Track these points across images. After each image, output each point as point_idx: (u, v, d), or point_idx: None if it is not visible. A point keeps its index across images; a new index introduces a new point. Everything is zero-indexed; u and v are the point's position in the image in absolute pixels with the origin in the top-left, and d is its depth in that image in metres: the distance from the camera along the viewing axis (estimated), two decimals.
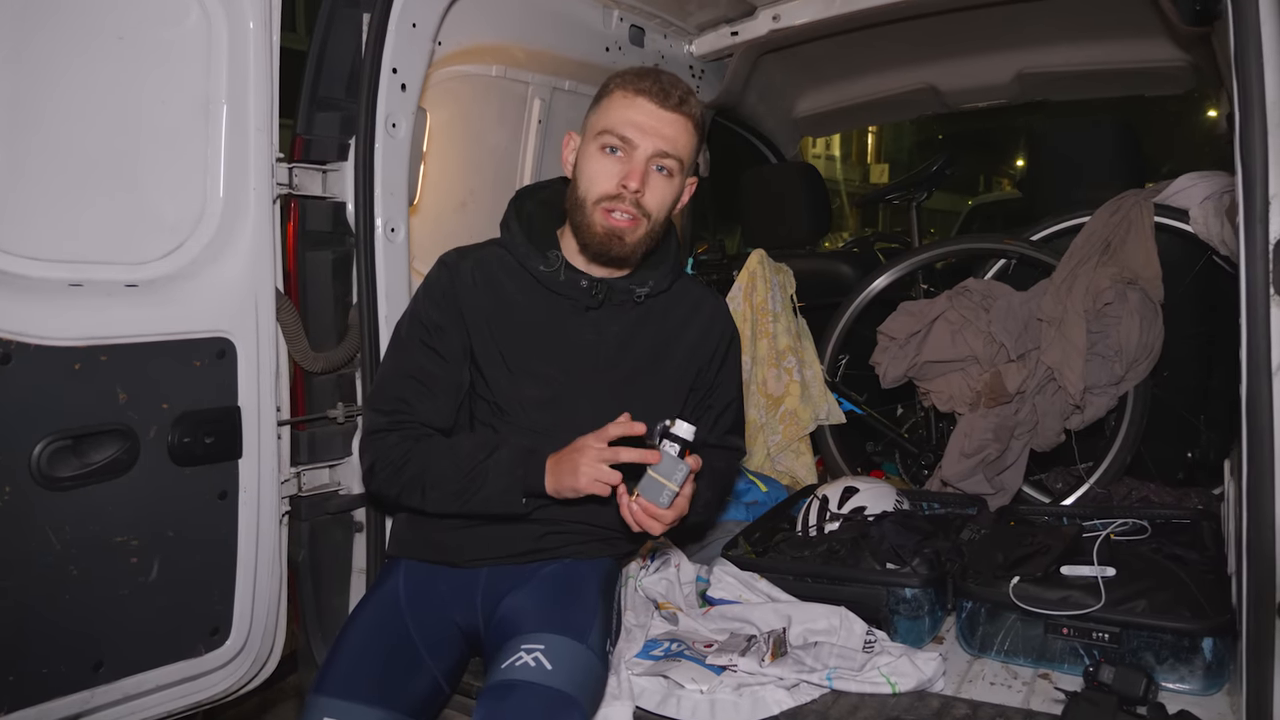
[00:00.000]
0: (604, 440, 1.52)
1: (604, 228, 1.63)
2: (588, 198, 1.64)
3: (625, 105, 1.61)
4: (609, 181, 1.62)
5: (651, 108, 1.60)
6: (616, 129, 1.61)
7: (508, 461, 1.59)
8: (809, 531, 2.23)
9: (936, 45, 3.46)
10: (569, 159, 1.70)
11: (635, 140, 1.60)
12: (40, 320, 1.45)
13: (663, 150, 1.62)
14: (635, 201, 1.62)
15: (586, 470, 1.51)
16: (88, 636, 1.54)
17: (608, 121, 1.62)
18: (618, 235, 1.63)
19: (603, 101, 1.65)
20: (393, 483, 1.65)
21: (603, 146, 1.62)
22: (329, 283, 1.97)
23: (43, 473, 1.46)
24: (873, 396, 3.14)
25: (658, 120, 1.61)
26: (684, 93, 1.63)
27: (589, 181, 1.64)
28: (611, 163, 1.62)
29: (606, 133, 1.62)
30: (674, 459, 1.51)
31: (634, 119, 1.60)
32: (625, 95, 1.62)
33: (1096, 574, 1.77)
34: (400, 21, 1.92)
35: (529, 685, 1.41)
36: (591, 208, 1.63)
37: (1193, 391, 2.80)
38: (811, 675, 1.67)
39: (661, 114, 1.61)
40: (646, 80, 1.62)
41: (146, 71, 1.58)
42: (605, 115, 1.63)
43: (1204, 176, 2.56)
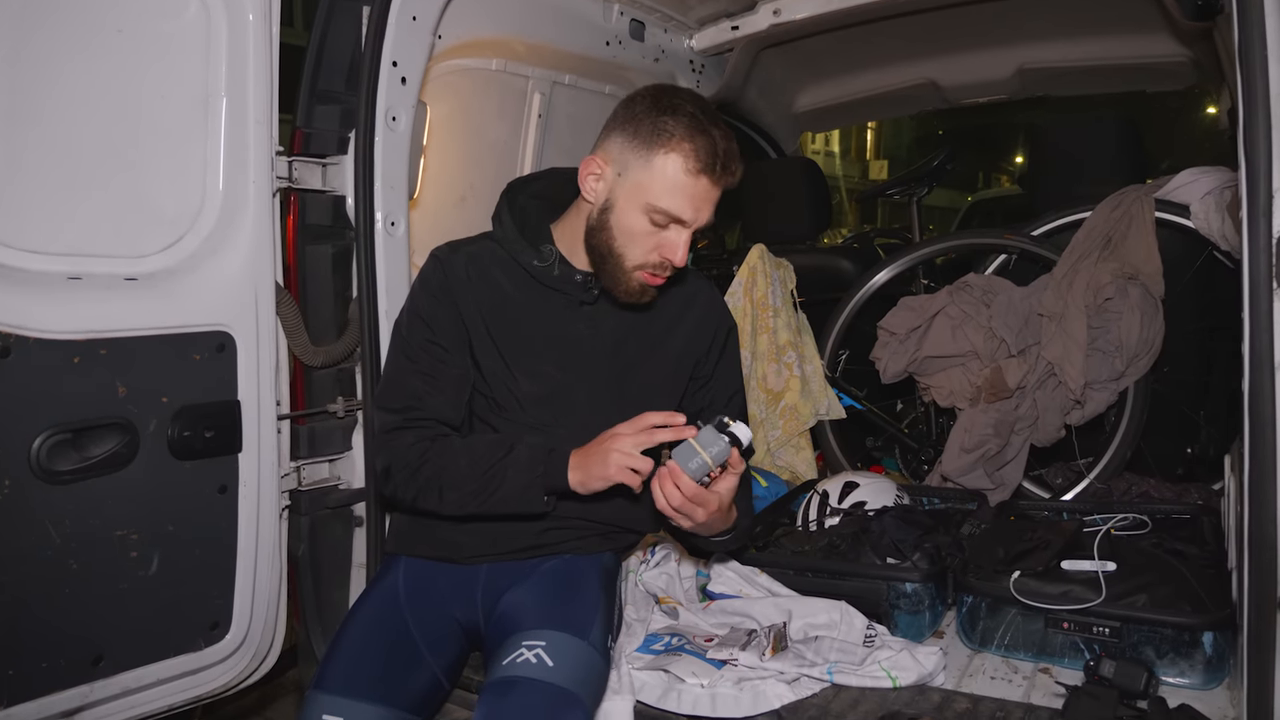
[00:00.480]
0: (638, 427, 1.47)
1: (641, 286, 1.62)
2: (626, 258, 1.59)
3: (687, 185, 1.52)
4: (653, 253, 1.58)
5: (711, 188, 1.55)
6: (675, 213, 1.54)
7: (527, 460, 1.56)
8: (809, 526, 2.23)
9: (937, 40, 3.46)
10: (594, 188, 1.60)
11: (689, 221, 1.56)
12: (39, 313, 1.45)
13: (709, 221, 1.59)
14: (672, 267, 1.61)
15: (618, 458, 1.46)
16: (87, 630, 1.53)
17: (664, 199, 1.53)
18: (650, 292, 1.64)
19: (656, 161, 1.52)
20: (409, 485, 1.62)
21: (653, 219, 1.55)
22: (329, 277, 1.96)
23: (42, 466, 1.45)
24: (873, 392, 3.14)
25: (713, 196, 1.56)
26: (738, 164, 1.57)
27: (629, 243, 1.58)
28: (656, 232, 1.57)
29: (662, 212, 1.54)
30: (715, 433, 1.43)
31: (694, 201, 1.54)
32: (688, 173, 1.51)
33: (1097, 569, 1.77)
34: (400, 15, 1.91)
35: (530, 682, 1.40)
36: (630, 270, 1.60)
37: (1193, 387, 2.80)
38: (812, 669, 1.67)
39: (717, 190, 1.56)
40: (707, 155, 1.51)
41: (146, 65, 1.58)
42: (661, 186, 1.52)
43: (1205, 172, 2.56)
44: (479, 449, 1.61)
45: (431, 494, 1.61)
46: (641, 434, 1.47)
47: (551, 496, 1.57)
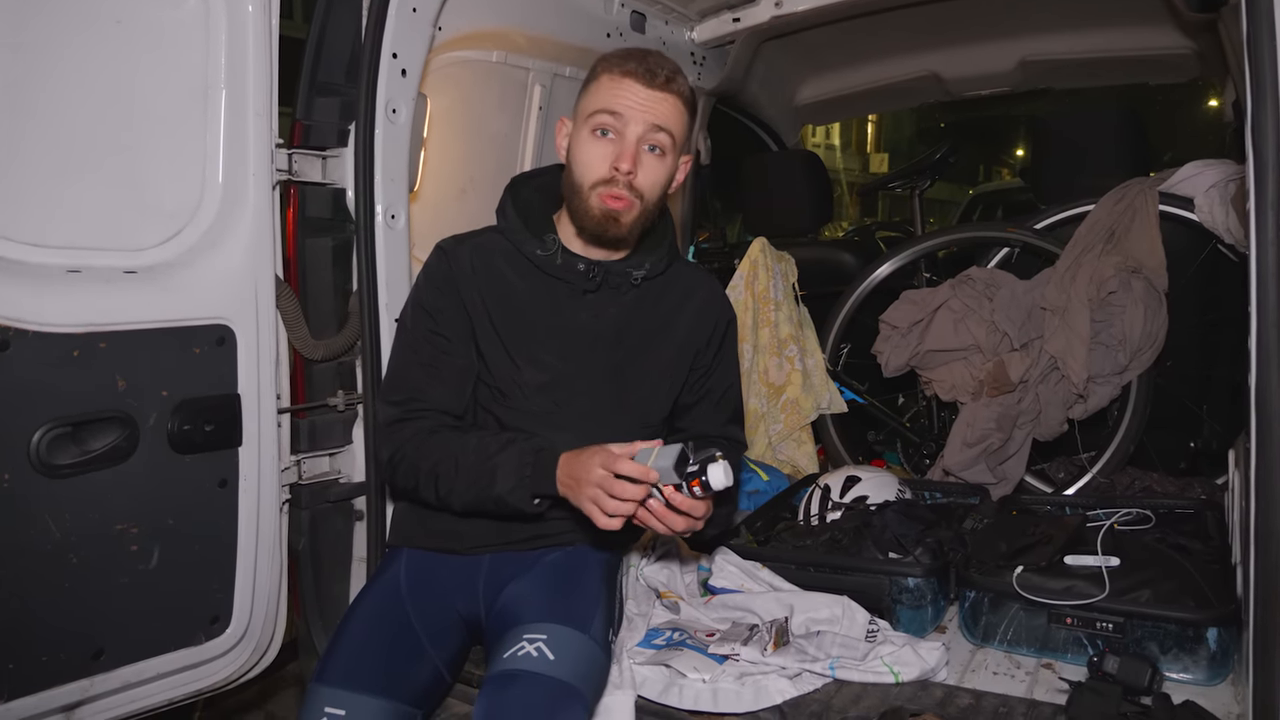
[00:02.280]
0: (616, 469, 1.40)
1: (600, 210, 1.63)
2: (583, 182, 1.63)
3: (612, 87, 1.61)
4: (602, 165, 1.61)
5: (639, 88, 1.59)
6: (605, 108, 1.60)
7: (515, 460, 1.55)
8: (811, 520, 2.23)
9: (939, 32, 3.44)
10: (562, 145, 1.70)
11: (625, 121, 1.60)
12: (38, 306, 1.44)
13: (654, 127, 1.61)
14: (628, 184, 1.61)
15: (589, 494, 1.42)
16: (88, 624, 1.53)
17: (596, 104, 1.62)
18: (613, 217, 1.63)
19: (591, 85, 1.65)
20: (411, 476, 1.63)
21: (593, 130, 1.62)
22: (329, 270, 1.96)
23: (42, 460, 1.45)
24: (874, 385, 3.13)
25: (646, 100, 1.60)
26: (671, 71, 1.62)
27: (582, 167, 1.63)
28: (603, 145, 1.61)
29: (596, 114, 1.61)
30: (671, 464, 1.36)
31: (622, 100, 1.59)
32: (612, 78, 1.61)
33: (1100, 564, 1.77)
34: (400, 6, 1.90)
35: (531, 675, 1.40)
36: (587, 192, 1.63)
37: (1196, 381, 2.80)
38: (814, 664, 1.67)
39: (649, 93, 1.60)
40: (632, 61, 1.61)
41: (144, 56, 1.56)
42: (594, 98, 1.63)
43: (1209, 165, 2.55)
44: (475, 444, 1.60)
45: (429, 487, 1.61)
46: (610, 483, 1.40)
47: (543, 499, 1.55)
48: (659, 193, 1.67)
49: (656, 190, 1.66)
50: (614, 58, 1.63)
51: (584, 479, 1.44)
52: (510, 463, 1.54)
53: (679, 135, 1.65)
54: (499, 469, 1.55)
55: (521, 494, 1.53)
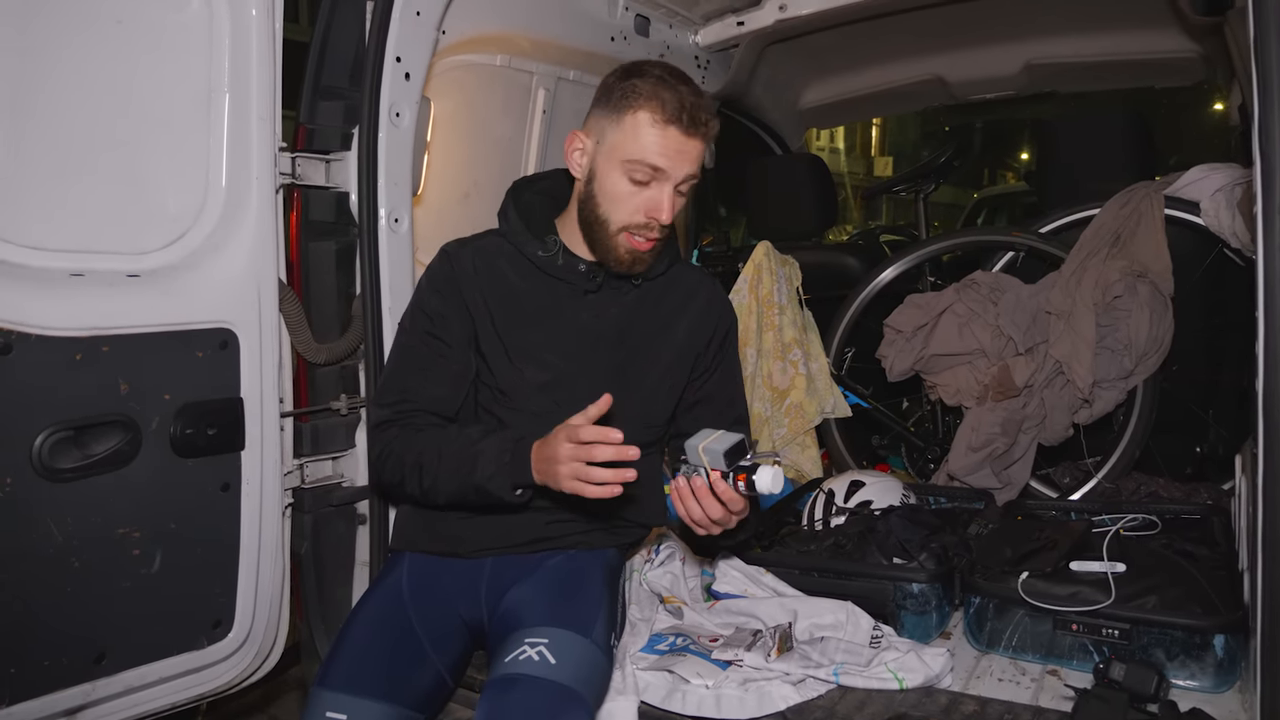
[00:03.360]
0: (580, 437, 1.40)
1: (629, 253, 1.63)
2: (610, 220, 1.62)
3: (656, 136, 1.55)
4: (638, 212, 1.60)
5: (681, 138, 1.56)
6: (648, 161, 1.56)
7: (495, 448, 1.55)
8: (815, 525, 2.22)
9: (944, 36, 3.44)
10: (579, 162, 1.66)
11: (666, 173, 1.58)
12: (41, 310, 1.44)
13: (690, 176, 1.60)
14: (659, 225, 1.62)
15: (564, 470, 1.42)
16: (90, 629, 1.52)
17: (637, 151, 1.56)
18: (642, 259, 1.65)
19: (626, 119, 1.57)
20: (396, 471, 1.64)
21: (632, 176, 1.58)
22: (332, 273, 1.95)
23: (44, 464, 1.44)
24: (879, 390, 3.12)
25: (685, 151, 1.58)
26: (709, 114, 1.59)
27: (613, 206, 1.61)
28: (639, 193, 1.59)
29: (636, 164, 1.57)
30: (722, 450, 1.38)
31: (665, 151, 1.56)
32: (655, 124, 1.55)
33: (1106, 570, 1.75)
34: (404, 10, 1.90)
35: (533, 679, 1.40)
36: (614, 231, 1.62)
37: (1202, 386, 2.78)
38: (818, 670, 1.66)
39: (689, 143, 1.58)
40: (674, 106, 1.55)
41: (148, 59, 1.56)
42: (633, 141, 1.57)
43: (1215, 169, 2.54)
44: (457, 433, 1.61)
45: (414, 478, 1.62)
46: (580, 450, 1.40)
47: (525, 489, 1.54)
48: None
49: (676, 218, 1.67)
50: (654, 98, 1.56)
51: (554, 458, 1.43)
52: (490, 450, 1.55)
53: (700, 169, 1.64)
54: (479, 456, 1.55)
55: (501, 482, 1.53)
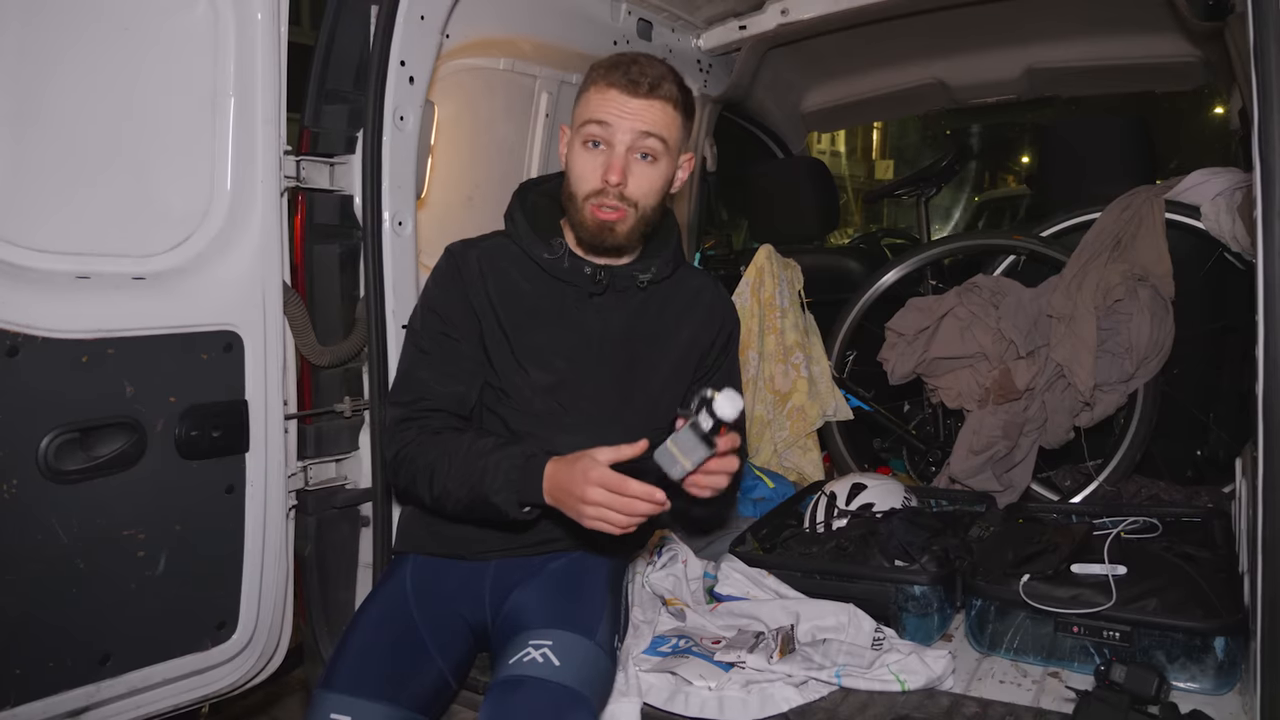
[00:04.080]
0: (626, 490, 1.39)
1: (594, 222, 1.65)
2: (577, 193, 1.65)
3: (599, 97, 1.61)
4: (593, 176, 1.62)
5: (624, 98, 1.60)
6: (592, 118, 1.61)
7: (505, 464, 1.53)
8: (817, 528, 2.22)
9: (945, 40, 3.45)
10: (563, 153, 1.71)
11: (613, 131, 1.60)
12: (48, 312, 1.45)
13: (642, 134, 1.61)
14: (619, 194, 1.62)
15: (590, 512, 1.42)
16: (95, 630, 1.53)
17: (585, 114, 1.63)
18: (608, 227, 1.65)
19: (582, 95, 1.66)
20: (409, 474, 1.64)
21: (584, 141, 1.63)
22: (336, 276, 1.96)
23: (50, 466, 1.45)
24: (880, 393, 3.12)
25: (632, 109, 1.60)
26: (656, 76, 1.61)
27: (575, 178, 1.65)
28: (594, 156, 1.62)
29: (585, 124, 1.62)
30: (695, 438, 1.39)
31: (608, 111, 1.60)
32: (598, 88, 1.62)
33: (1107, 572, 1.76)
34: (409, 14, 1.91)
35: (537, 681, 1.40)
36: (581, 203, 1.65)
37: (1202, 389, 2.79)
38: (820, 672, 1.66)
39: (636, 102, 1.60)
40: (617, 71, 1.61)
41: (153, 62, 1.57)
42: (584, 108, 1.64)
43: (1215, 173, 2.54)
44: (469, 443, 1.59)
45: (425, 484, 1.61)
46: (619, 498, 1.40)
47: (533, 508, 1.53)
48: (656, 198, 1.68)
49: (652, 196, 1.66)
50: (601, 67, 1.64)
51: (581, 497, 1.42)
52: (500, 465, 1.53)
53: (672, 138, 1.65)
54: (489, 470, 1.54)
55: (508, 498, 1.52)
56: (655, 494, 1.40)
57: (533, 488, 1.50)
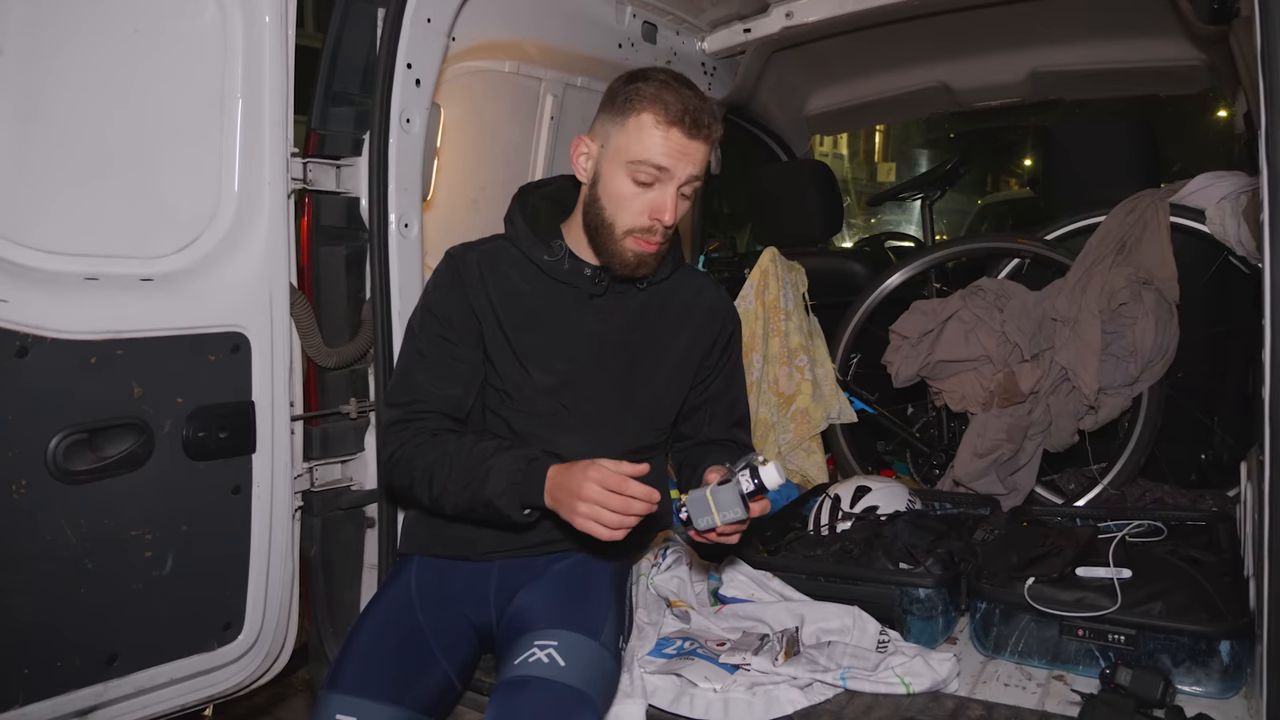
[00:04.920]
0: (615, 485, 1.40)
1: (635, 255, 1.64)
2: (615, 224, 1.62)
3: (659, 137, 1.56)
4: (642, 215, 1.61)
5: (684, 139, 1.57)
6: (652, 162, 1.57)
7: (508, 465, 1.54)
8: (821, 531, 2.22)
9: (949, 43, 3.45)
10: (584, 166, 1.67)
11: (669, 172, 1.58)
12: (56, 314, 1.46)
13: (693, 178, 1.61)
14: (664, 230, 1.63)
15: (586, 510, 1.41)
16: (102, 630, 1.54)
17: (641, 152, 1.57)
18: (645, 261, 1.65)
19: (629, 122, 1.58)
20: (406, 475, 1.64)
21: (635, 178, 1.59)
22: (342, 278, 1.97)
23: (58, 466, 1.46)
24: (884, 395, 3.12)
25: (689, 150, 1.59)
26: (712, 118, 1.60)
27: (618, 209, 1.62)
28: (643, 193, 1.60)
29: (639, 164, 1.58)
30: (736, 496, 1.40)
31: (669, 153, 1.57)
32: (659, 125, 1.56)
33: (1112, 575, 1.76)
34: (415, 16, 1.92)
35: (542, 681, 1.40)
36: (620, 235, 1.63)
37: (1206, 392, 2.78)
38: (825, 675, 1.66)
39: (691, 145, 1.58)
40: (678, 109, 1.56)
41: (162, 65, 1.58)
42: (637, 143, 1.58)
43: (1220, 176, 2.54)
44: (470, 446, 1.60)
45: (424, 486, 1.61)
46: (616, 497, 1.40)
47: (533, 510, 1.54)
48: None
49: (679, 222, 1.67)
50: (657, 99, 1.57)
51: (576, 493, 1.43)
52: (503, 467, 1.54)
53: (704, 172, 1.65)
54: (491, 472, 1.54)
55: (510, 500, 1.53)
56: (652, 494, 1.41)
57: (534, 489, 1.51)
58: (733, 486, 1.41)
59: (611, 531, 1.42)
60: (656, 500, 1.42)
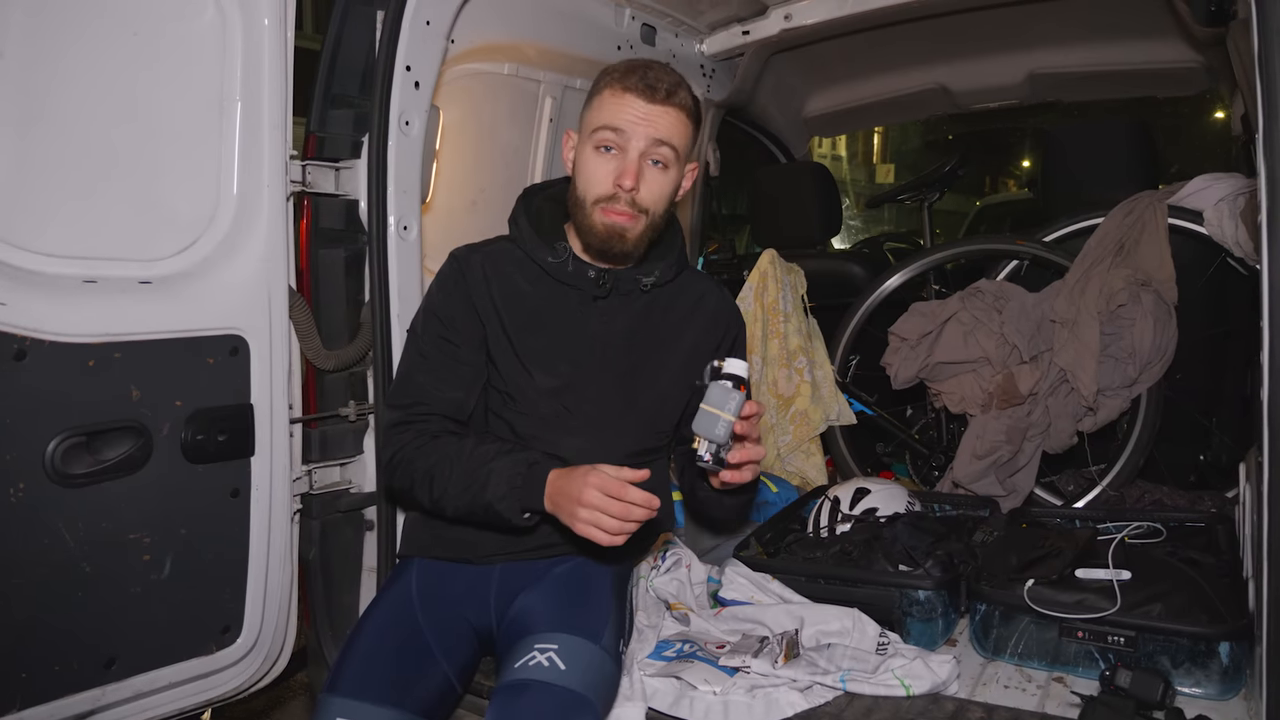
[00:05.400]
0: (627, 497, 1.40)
1: (604, 226, 1.64)
2: (586, 198, 1.64)
3: (614, 102, 1.61)
4: (605, 181, 1.62)
5: (640, 103, 1.59)
6: (608, 124, 1.61)
7: (509, 469, 1.54)
8: (820, 532, 2.22)
9: (948, 45, 3.45)
10: (569, 157, 1.71)
11: (627, 137, 1.60)
12: (55, 317, 1.45)
13: (656, 142, 1.61)
14: (631, 200, 1.62)
15: (586, 515, 1.42)
16: (100, 634, 1.54)
17: (599, 120, 1.62)
18: (618, 233, 1.64)
19: (594, 99, 1.65)
20: (406, 477, 1.64)
21: (596, 146, 1.62)
22: (341, 280, 1.97)
23: (56, 469, 1.46)
24: (883, 397, 3.12)
25: (647, 114, 1.60)
26: (672, 84, 1.62)
27: (586, 181, 1.64)
28: (606, 161, 1.62)
29: (598, 130, 1.61)
30: (724, 388, 1.42)
31: (624, 116, 1.60)
32: (614, 92, 1.61)
33: (1112, 577, 1.76)
34: (414, 19, 1.92)
35: (542, 685, 1.40)
36: (590, 207, 1.64)
37: (1205, 394, 2.79)
38: (825, 677, 1.66)
39: (650, 108, 1.60)
40: (633, 76, 1.60)
41: (161, 68, 1.58)
42: (596, 113, 1.63)
43: (1218, 178, 2.55)
44: (472, 448, 1.60)
45: (425, 488, 1.61)
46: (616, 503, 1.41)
47: (533, 514, 1.54)
48: (664, 205, 1.68)
49: (661, 203, 1.67)
50: (615, 71, 1.63)
51: (576, 499, 1.43)
52: (503, 471, 1.54)
53: (682, 147, 1.65)
54: (492, 475, 1.54)
55: (510, 504, 1.53)
56: (652, 500, 1.41)
57: (534, 493, 1.51)
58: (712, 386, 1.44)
59: (611, 537, 1.43)
60: (656, 506, 1.42)
